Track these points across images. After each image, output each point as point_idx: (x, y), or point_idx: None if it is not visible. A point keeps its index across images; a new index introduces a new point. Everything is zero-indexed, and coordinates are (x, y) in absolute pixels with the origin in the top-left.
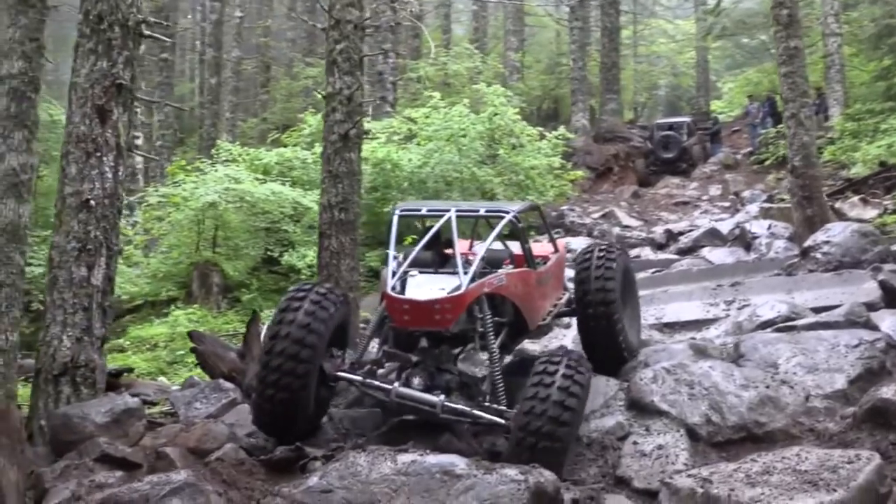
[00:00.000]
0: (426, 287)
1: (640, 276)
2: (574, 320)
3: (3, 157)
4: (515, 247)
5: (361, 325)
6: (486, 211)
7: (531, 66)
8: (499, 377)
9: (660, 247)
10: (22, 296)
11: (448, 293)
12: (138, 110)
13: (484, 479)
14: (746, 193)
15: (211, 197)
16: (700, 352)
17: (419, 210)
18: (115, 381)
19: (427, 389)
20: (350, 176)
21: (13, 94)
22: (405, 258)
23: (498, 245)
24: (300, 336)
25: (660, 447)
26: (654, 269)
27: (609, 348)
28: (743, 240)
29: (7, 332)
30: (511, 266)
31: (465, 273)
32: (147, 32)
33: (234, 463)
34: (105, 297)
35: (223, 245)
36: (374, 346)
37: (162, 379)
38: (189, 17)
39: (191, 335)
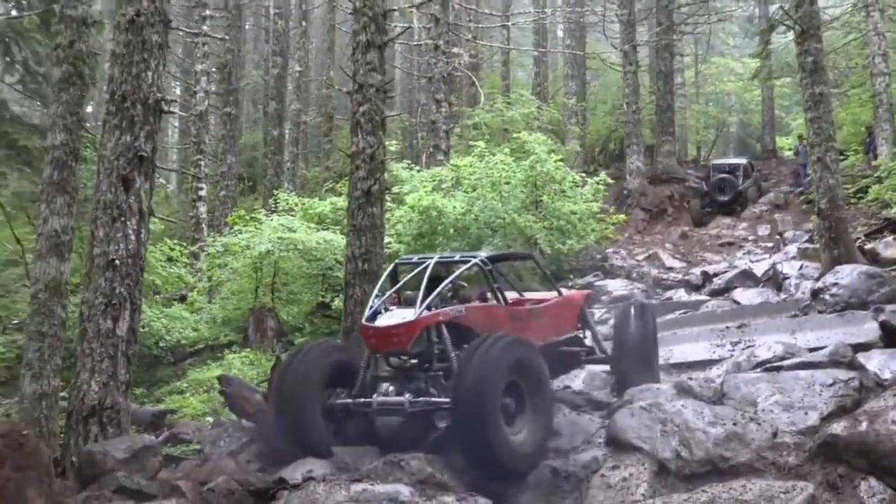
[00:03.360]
0: (392, 318)
1: (668, 317)
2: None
3: (46, 220)
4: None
5: None
6: (460, 257)
7: (596, 108)
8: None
9: (695, 288)
10: (63, 345)
11: (403, 321)
12: (202, 163)
13: None
14: (789, 234)
15: (265, 246)
16: (685, 391)
17: (412, 259)
18: (159, 422)
19: (400, 395)
20: (372, 229)
21: (55, 163)
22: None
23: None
24: (296, 383)
25: (624, 479)
26: (682, 311)
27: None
28: (775, 281)
29: (49, 378)
30: (477, 302)
31: (420, 305)
32: (166, 109)
33: (225, 493)
34: (129, 346)
35: (281, 291)
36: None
37: (209, 419)
38: (256, 70)
39: (219, 379)
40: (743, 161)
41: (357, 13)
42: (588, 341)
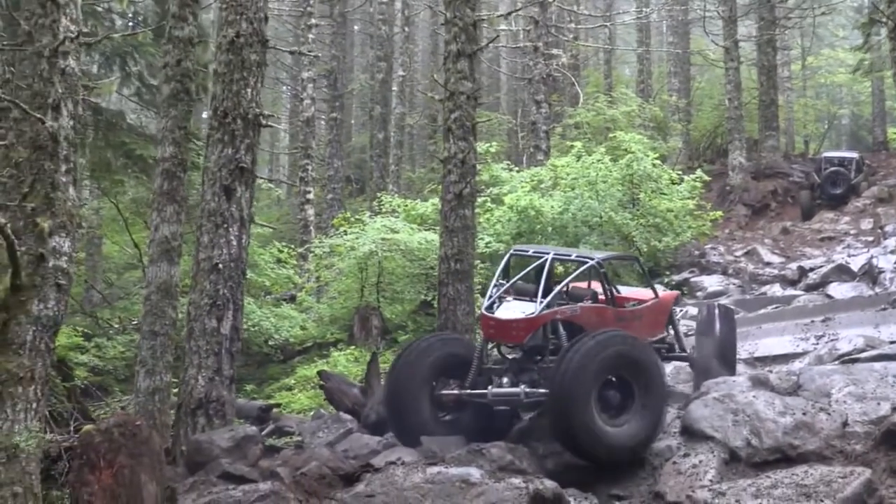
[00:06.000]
0: (511, 310)
1: (760, 311)
2: None
3: (157, 228)
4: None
5: None
6: (576, 256)
7: (703, 103)
8: None
9: (791, 283)
10: (174, 343)
11: (524, 316)
12: (310, 167)
13: (493, 487)
14: (889, 227)
15: (368, 247)
16: (760, 383)
17: (527, 251)
18: (265, 416)
19: (515, 386)
20: (464, 230)
21: (165, 174)
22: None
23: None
24: (404, 374)
25: (694, 466)
26: (774, 306)
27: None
28: (871, 275)
29: (161, 374)
30: (590, 302)
31: (541, 302)
32: (264, 123)
33: (316, 477)
34: (232, 343)
35: (385, 290)
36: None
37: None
38: (363, 74)
39: (319, 374)
40: (855, 155)
41: (448, 24)
42: (670, 339)
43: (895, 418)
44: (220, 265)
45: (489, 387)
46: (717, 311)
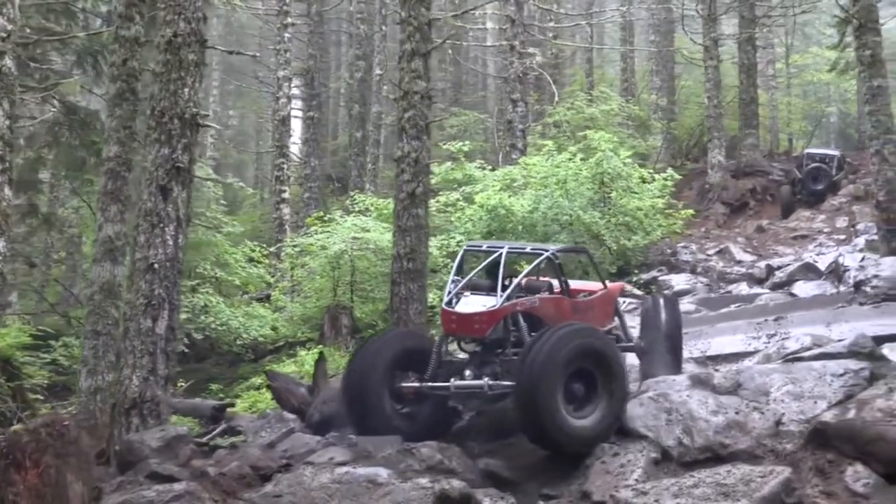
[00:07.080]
0: (471, 304)
1: (722, 310)
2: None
3: (101, 227)
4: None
5: None
6: (531, 249)
7: (688, 101)
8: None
9: (759, 282)
10: (116, 343)
11: (486, 309)
12: (285, 166)
13: (400, 486)
14: (860, 226)
15: (339, 246)
16: (699, 382)
17: (481, 246)
18: (219, 415)
19: (477, 379)
20: (417, 230)
21: (110, 174)
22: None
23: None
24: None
25: (622, 465)
26: (737, 304)
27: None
28: (836, 273)
29: (104, 374)
30: (547, 294)
31: (502, 295)
32: (202, 122)
33: (237, 477)
34: (168, 343)
35: (357, 289)
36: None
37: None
38: (345, 73)
39: (266, 374)
40: (837, 153)
41: (403, 23)
42: (616, 329)
43: (823, 417)
44: (156, 265)
45: (451, 379)
46: (661, 302)
